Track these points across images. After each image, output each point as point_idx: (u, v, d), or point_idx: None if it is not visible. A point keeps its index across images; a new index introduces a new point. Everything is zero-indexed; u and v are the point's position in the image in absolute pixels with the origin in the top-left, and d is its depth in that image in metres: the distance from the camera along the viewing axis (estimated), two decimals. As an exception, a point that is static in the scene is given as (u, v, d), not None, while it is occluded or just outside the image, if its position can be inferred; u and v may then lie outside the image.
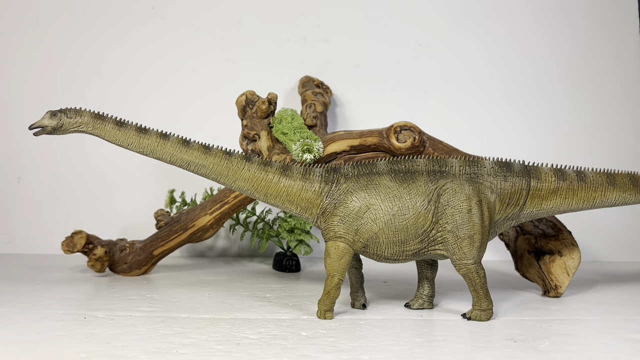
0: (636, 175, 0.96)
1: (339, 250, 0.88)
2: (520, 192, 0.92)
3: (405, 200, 0.88)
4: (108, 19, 1.51)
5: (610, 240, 1.50)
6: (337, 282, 0.88)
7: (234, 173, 0.90)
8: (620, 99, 1.53)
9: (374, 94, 1.52)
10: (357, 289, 0.97)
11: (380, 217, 0.87)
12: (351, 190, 0.89)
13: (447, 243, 0.88)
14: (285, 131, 1.15)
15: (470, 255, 0.88)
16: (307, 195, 0.90)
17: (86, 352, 0.73)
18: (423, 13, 1.54)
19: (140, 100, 1.49)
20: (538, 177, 0.93)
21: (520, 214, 0.93)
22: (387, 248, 0.88)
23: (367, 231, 0.87)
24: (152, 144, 0.90)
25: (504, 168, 0.92)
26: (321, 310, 0.90)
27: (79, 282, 1.15)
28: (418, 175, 0.89)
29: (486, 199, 0.90)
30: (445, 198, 0.88)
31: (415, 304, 0.97)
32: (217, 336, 0.80)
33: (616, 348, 0.77)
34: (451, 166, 0.91)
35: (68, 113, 0.90)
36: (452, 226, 0.87)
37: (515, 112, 1.52)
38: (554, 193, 0.93)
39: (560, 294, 1.05)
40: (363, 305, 0.97)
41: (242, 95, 1.16)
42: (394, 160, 0.91)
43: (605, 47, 1.54)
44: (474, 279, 0.89)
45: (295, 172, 0.91)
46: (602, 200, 0.95)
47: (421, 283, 0.98)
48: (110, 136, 0.91)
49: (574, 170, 0.95)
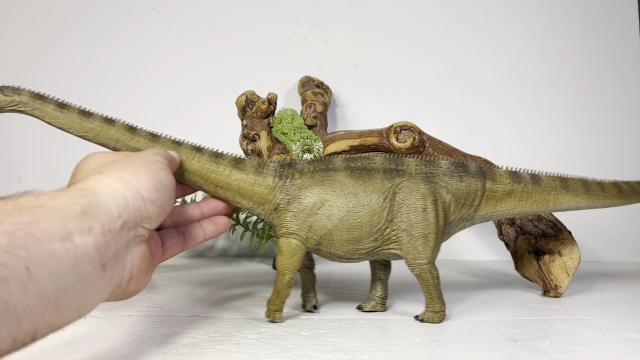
0: (588, 181, 0.96)
1: (291, 247, 0.85)
2: (475, 193, 0.91)
3: (361, 197, 0.85)
4: (108, 19, 1.51)
5: (610, 240, 1.50)
6: (287, 281, 0.86)
7: (183, 164, 0.84)
8: (620, 99, 1.53)
9: (374, 94, 1.52)
10: (308, 290, 0.95)
11: (334, 214, 0.85)
12: (306, 186, 0.86)
13: (401, 242, 0.86)
14: (285, 131, 1.15)
15: (424, 255, 0.86)
16: (260, 190, 0.87)
17: (86, 352, 0.73)
18: (423, 13, 1.54)
19: (140, 100, 1.49)
20: (493, 178, 0.92)
21: (475, 215, 0.92)
22: (341, 246, 0.86)
23: (321, 228, 0.85)
24: (95, 128, 0.86)
25: (460, 169, 0.91)
26: (270, 310, 0.87)
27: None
28: (374, 172, 0.87)
29: (441, 199, 0.88)
30: (401, 196, 0.86)
31: (368, 306, 0.95)
32: (217, 336, 0.80)
33: (616, 348, 0.77)
34: (407, 165, 0.89)
35: (5, 91, 0.86)
36: (407, 225, 0.86)
37: (515, 112, 1.52)
38: (508, 195, 0.92)
39: (560, 294, 1.05)
40: (314, 306, 0.94)
41: (242, 95, 1.16)
42: (350, 157, 0.89)
43: (605, 47, 1.54)
44: (427, 280, 0.87)
45: (249, 166, 0.87)
46: (555, 204, 0.94)
47: (374, 285, 0.96)
48: (50, 117, 0.87)
49: (529, 173, 0.94)
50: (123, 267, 0.63)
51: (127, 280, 0.64)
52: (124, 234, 0.61)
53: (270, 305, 0.87)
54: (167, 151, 0.79)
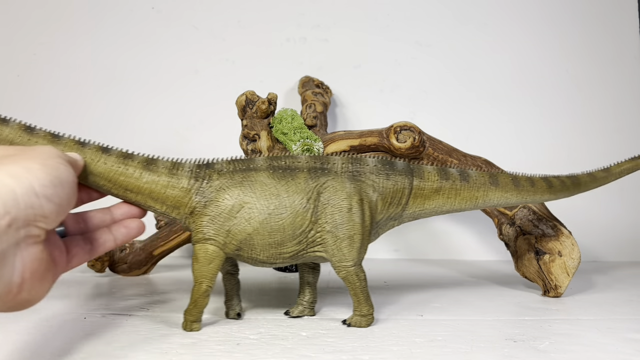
0: (518, 176, 0.94)
1: (208, 253, 0.81)
2: (402, 191, 0.88)
3: (283, 198, 0.81)
4: (108, 19, 1.51)
5: (610, 240, 1.50)
6: (205, 289, 0.81)
7: (88, 166, 0.78)
8: (620, 100, 1.53)
9: (374, 94, 1.52)
10: (232, 297, 0.90)
11: (254, 217, 0.80)
12: (224, 188, 0.81)
13: (326, 244, 0.83)
14: (285, 131, 1.15)
15: (350, 257, 0.83)
16: (174, 193, 0.81)
17: (86, 352, 0.73)
18: (423, 13, 1.54)
19: (140, 99, 1.49)
20: (421, 176, 0.90)
21: (403, 214, 0.90)
22: (263, 250, 0.82)
23: (240, 232, 0.81)
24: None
25: (387, 166, 0.88)
26: (187, 321, 0.82)
27: (79, 282, 1.15)
28: (298, 172, 0.83)
29: (368, 198, 0.85)
30: (326, 196, 0.83)
31: (295, 311, 0.91)
32: (217, 336, 0.80)
33: (616, 348, 0.77)
34: (333, 163, 0.85)
35: None
36: (332, 226, 0.82)
37: (515, 111, 1.52)
38: (436, 192, 0.90)
39: (560, 294, 1.05)
40: (238, 314, 0.90)
41: (242, 95, 1.16)
42: (274, 157, 0.85)
43: (605, 48, 1.54)
44: (353, 282, 0.84)
45: (161, 167, 0.82)
46: (484, 200, 0.92)
47: (302, 289, 0.92)
48: None
49: (458, 170, 0.92)
50: (12, 270, 0.58)
51: (18, 286, 0.59)
52: (12, 233, 0.57)
53: (187, 316, 0.83)
54: (67, 153, 0.73)
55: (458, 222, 1.49)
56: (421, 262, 1.41)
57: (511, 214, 1.13)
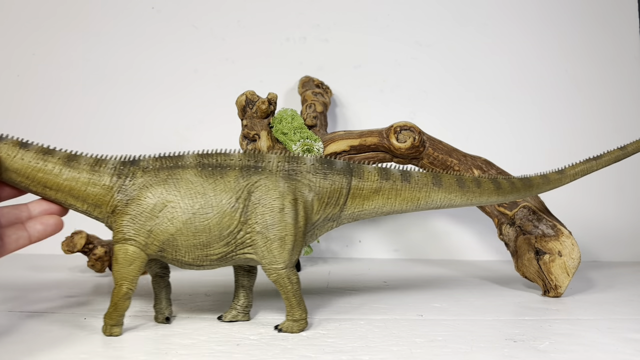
0: (464, 177, 0.92)
1: (128, 255, 0.78)
2: (340, 191, 0.86)
3: (209, 197, 0.78)
4: (108, 18, 1.51)
5: (610, 240, 1.50)
6: (125, 292, 0.78)
7: (3, 161, 0.75)
8: (620, 100, 1.54)
9: (374, 94, 1.52)
10: (161, 300, 0.87)
11: (177, 217, 0.78)
12: (147, 185, 0.78)
13: (256, 246, 0.80)
14: (285, 131, 1.15)
15: (281, 259, 0.80)
16: (95, 191, 0.78)
17: (86, 352, 0.73)
18: (423, 13, 1.54)
19: (139, 99, 1.50)
20: (360, 175, 0.87)
21: (342, 215, 0.87)
22: (188, 252, 0.79)
23: (163, 232, 0.78)
24: None
25: (325, 165, 0.85)
26: (107, 325, 0.79)
27: (79, 282, 1.15)
28: (229, 170, 0.81)
29: (303, 198, 0.82)
30: (257, 196, 0.80)
31: (228, 315, 0.88)
32: (217, 337, 0.80)
33: (616, 348, 0.77)
34: (268, 161, 0.83)
35: None
36: (262, 227, 0.79)
37: (515, 111, 1.52)
38: (376, 193, 0.88)
39: (560, 294, 1.05)
40: (167, 318, 0.86)
41: (242, 95, 1.16)
42: (205, 154, 0.83)
43: (605, 48, 1.54)
44: (285, 286, 0.81)
45: (83, 163, 0.79)
46: (426, 202, 0.90)
47: (236, 292, 0.88)
48: None
49: (399, 170, 0.90)
50: None
51: None
52: None
53: (107, 320, 0.79)
54: None
55: (458, 222, 1.49)
56: (421, 262, 1.41)
57: (511, 214, 1.13)
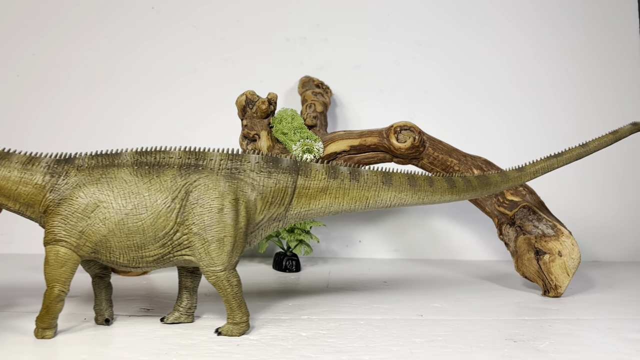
0: (416, 176, 0.89)
1: (59, 256, 0.76)
2: (285, 190, 0.84)
3: (144, 197, 0.77)
4: (108, 18, 1.51)
5: (610, 240, 1.50)
6: (57, 294, 0.76)
7: None
8: (620, 100, 1.53)
9: (374, 94, 1.52)
10: (101, 302, 0.85)
11: (110, 217, 0.76)
12: (80, 185, 0.76)
13: (194, 247, 0.78)
14: (285, 131, 1.15)
15: (219, 261, 0.78)
16: (27, 190, 0.77)
17: (86, 352, 0.73)
18: (423, 13, 1.54)
19: (139, 99, 1.49)
20: (307, 174, 0.85)
21: (287, 215, 0.85)
22: (122, 254, 0.77)
23: (95, 234, 0.76)
24: None
25: (271, 164, 0.84)
26: (39, 328, 0.78)
27: (79, 282, 1.15)
28: (167, 168, 0.79)
29: (245, 198, 0.81)
30: (195, 195, 0.78)
31: (171, 317, 0.86)
32: (217, 337, 0.80)
33: (616, 348, 0.77)
34: (210, 159, 0.81)
35: None
36: (199, 228, 0.77)
37: (515, 112, 1.52)
38: (323, 192, 0.85)
39: (560, 294, 1.05)
40: (106, 320, 0.84)
41: (242, 95, 1.16)
42: (143, 151, 0.80)
43: (605, 48, 1.54)
44: (224, 288, 0.79)
45: (15, 161, 0.78)
46: (376, 201, 0.87)
47: (180, 294, 0.87)
48: None
49: (348, 168, 0.87)
50: None
51: None
52: None
53: (38, 323, 0.78)
54: None
55: (458, 222, 1.49)
56: (421, 262, 1.41)
57: (511, 214, 1.13)
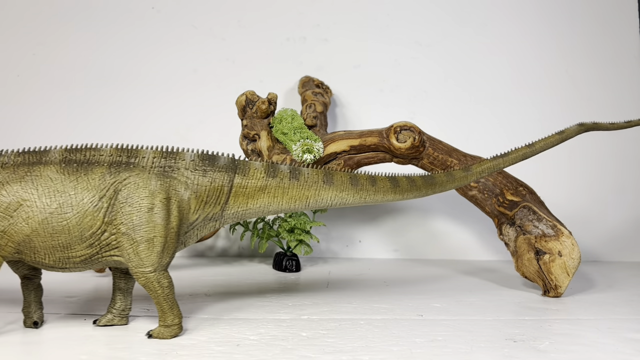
0: (358, 175, 0.88)
1: None
2: (221, 189, 0.82)
3: (69, 196, 0.74)
4: (108, 18, 1.51)
5: (610, 240, 1.50)
6: None
7: None
8: (620, 100, 1.54)
9: (374, 94, 1.52)
10: (29, 304, 0.83)
11: (33, 216, 0.74)
12: (3, 183, 0.74)
13: (123, 248, 0.76)
14: (285, 131, 1.15)
15: (149, 262, 0.76)
16: None
17: (86, 353, 0.73)
18: (423, 13, 1.54)
19: (139, 99, 1.50)
20: (245, 173, 0.83)
21: (224, 214, 0.84)
22: (47, 254, 0.75)
23: (17, 233, 0.74)
24: None
25: (207, 162, 0.82)
26: None
27: (79, 282, 1.15)
28: (96, 166, 0.77)
29: (177, 197, 0.79)
30: (124, 194, 0.76)
31: (103, 319, 0.84)
32: (217, 337, 0.80)
33: (616, 348, 0.77)
34: (142, 157, 0.79)
35: None
36: (128, 227, 0.75)
37: (515, 112, 1.52)
38: (261, 191, 0.84)
39: (560, 294, 1.05)
40: (35, 323, 0.82)
41: (242, 95, 1.16)
42: (72, 149, 0.78)
43: (605, 48, 1.54)
44: (155, 290, 0.78)
45: None
46: (316, 200, 0.86)
47: (113, 295, 0.85)
48: None
49: (289, 167, 0.86)
50: None
51: None
52: None
53: None
54: None
55: (458, 222, 1.49)
56: (421, 262, 1.41)
57: (511, 214, 1.13)
